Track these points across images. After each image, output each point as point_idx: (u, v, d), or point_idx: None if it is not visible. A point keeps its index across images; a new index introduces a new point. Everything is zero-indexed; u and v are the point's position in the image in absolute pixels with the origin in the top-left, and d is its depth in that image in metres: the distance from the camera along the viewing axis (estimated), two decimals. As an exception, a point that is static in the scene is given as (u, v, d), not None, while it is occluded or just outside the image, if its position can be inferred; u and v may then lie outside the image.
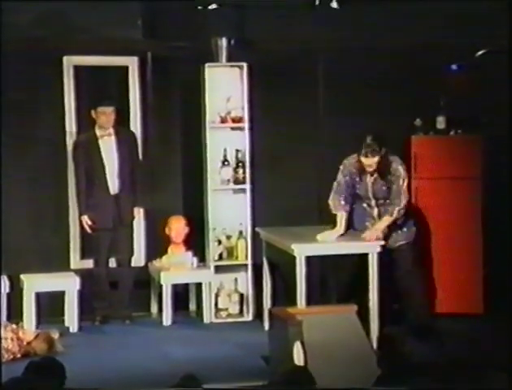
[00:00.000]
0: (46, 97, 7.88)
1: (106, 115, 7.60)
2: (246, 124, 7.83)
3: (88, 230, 7.66)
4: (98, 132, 7.67)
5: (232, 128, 7.89)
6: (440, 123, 7.96)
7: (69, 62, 7.88)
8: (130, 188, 7.71)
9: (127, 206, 7.72)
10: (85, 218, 7.65)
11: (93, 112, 7.64)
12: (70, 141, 7.90)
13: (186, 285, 7.99)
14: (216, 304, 7.84)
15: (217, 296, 7.87)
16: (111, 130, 7.67)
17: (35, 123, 7.89)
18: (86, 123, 7.89)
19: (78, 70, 7.92)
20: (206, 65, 7.77)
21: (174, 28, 7.83)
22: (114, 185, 7.68)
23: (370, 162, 6.95)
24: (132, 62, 7.98)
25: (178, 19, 7.82)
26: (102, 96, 7.79)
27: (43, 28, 7.69)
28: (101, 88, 8.02)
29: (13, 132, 7.78)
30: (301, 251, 6.69)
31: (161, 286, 7.72)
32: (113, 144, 7.68)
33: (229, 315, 7.87)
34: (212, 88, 7.77)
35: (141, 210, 7.84)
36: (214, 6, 7.62)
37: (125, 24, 7.78)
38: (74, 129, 7.94)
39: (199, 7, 7.63)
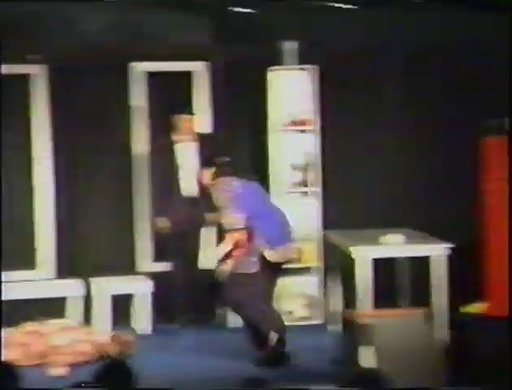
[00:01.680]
0: (116, 103, 7.87)
1: (185, 123, 7.56)
2: (314, 127, 7.74)
3: (165, 233, 7.61)
4: (176, 137, 7.64)
5: (301, 131, 7.81)
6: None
7: (138, 68, 7.86)
8: (206, 193, 7.69)
9: (201, 210, 7.64)
10: (161, 221, 7.58)
11: (172, 118, 7.59)
12: (139, 146, 7.88)
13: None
14: (286, 307, 7.71)
15: (286, 299, 7.76)
16: (189, 135, 7.64)
17: (106, 129, 7.88)
18: (156, 129, 7.90)
19: (147, 76, 7.88)
20: (275, 68, 7.70)
21: (242, 31, 7.79)
22: (191, 189, 7.64)
23: None
24: (199, 68, 7.94)
25: (246, 22, 7.77)
26: (177, 103, 7.73)
27: (112, 35, 7.71)
28: (170, 93, 7.98)
29: (88, 139, 7.82)
30: (359, 254, 6.62)
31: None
32: (189, 148, 7.64)
33: (298, 318, 7.76)
34: (280, 91, 7.70)
35: (214, 215, 7.71)
36: (281, 9, 7.55)
37: (193, 30, 7.76)
38: (143, 134, 7.92)
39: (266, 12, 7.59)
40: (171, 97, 7.94)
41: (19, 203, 7.75)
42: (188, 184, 7.60)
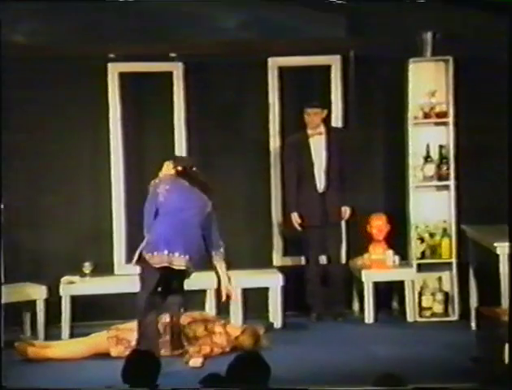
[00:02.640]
0: (252, 98, 7.82)
1: (314, 116, 7.46)
2: (451, 119, 7.49)
3: (298, 227, 7.54)
4: (309, 131, 7.53)
5: (436, 124, 7.56)
6: None
7: (274, 63, 7.76)
8: (338, 187, 7.53)
9: (334, 204, 7.53)
10: (295, 216, 7.52)
11: (304, 112, 7.50)
12: (274, 141, 7.80)
13: (388, 283, 7.72)
14: (420, 303, 7.51)
15: (421, 294, 7.53)
16: (322, 129, 7.52)
17: (241, 123, 7.85)
18: (290, 123, 7.80)
19: (282, 70, 7.78)
20: (411, 60, 7.48)
21: (378, 23, 7.59)
22: (321, 183, 7.53)
23: None
24: (334, 61, 7.78)
25: (382, 14, 7.57)
26: (311, 97, 7.61)
27: (249, 32, 7.67)
28: (304, 87, 7.85)
29: (221, 134, 7.80)
30: (503, 250, 6.36)
31: (362, 284, 7.50)
32: (323, 142, 7.53)
33: (433, 314, 7.52)
34: (416, 83, 7.47)
35: (348, 209, 7.59)
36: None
37: (328, 23, 7.63)
38: (278, 129, 7.83)
39: (407, 0, 7.38)
40: (305, 91, 7.83)
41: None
42: (321, 179, 7.50)
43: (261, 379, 4.52)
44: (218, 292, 6.80)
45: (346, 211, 7.59)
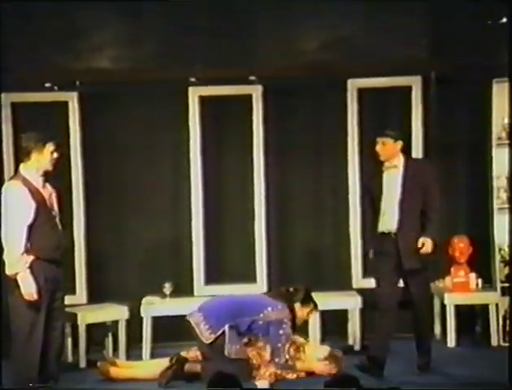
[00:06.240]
0: (331, 119, 7.75)
1: (382, 146, 6.42)
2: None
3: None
4: (385, 164, 6.46)
5: (518, 145, 7.38)
6: None
7: (353, 85, 7.69)
8: (411, 225, 6.40)
9: (408, 245, 6.42)
10: (371, 253, 6.64)
11: (376, 142, 6.47)
12: (353, 162, 7.71)
13: (471, 307, 7.57)
14: (504, 327, 7.29)
15: (505, 318, 7.30)
16: (397, 161, 6.44)
17: (320, 145, 7.80)
18: (369, 145, 7.73)
19: (361, 92, 7.68)
20: (494, 80, 7.32)
21: (460, 44, 7.44)
22: (393, 222, 6.43)
23: None
24: (415, 82, 7.64)
25: (464, 35, 7.46)
26: (385, 124, 7.14)
27: (328, 53, 7.65)
28: (383, 110, 7.76)
29: (300, 156, 7.79)
30: None
31: (444, 307, 7.37)
32: (397, 177, 6.42)
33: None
34: (500, 103, 7.29)
35: (428, 241, 6.38)
36: (504, 19, 7.21)
37: (410, 44, 7.53)
38: (357, 150, 7.68)
39: (488, 22, 7.27)
40: (385, 114, 7.74)
41: (237, 221, 7.86)
42: (386, 218, 6.43)
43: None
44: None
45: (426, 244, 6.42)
